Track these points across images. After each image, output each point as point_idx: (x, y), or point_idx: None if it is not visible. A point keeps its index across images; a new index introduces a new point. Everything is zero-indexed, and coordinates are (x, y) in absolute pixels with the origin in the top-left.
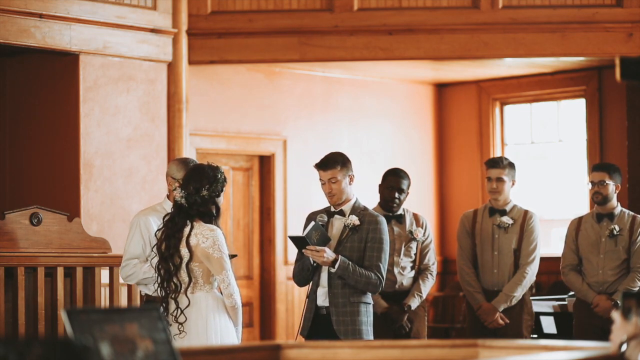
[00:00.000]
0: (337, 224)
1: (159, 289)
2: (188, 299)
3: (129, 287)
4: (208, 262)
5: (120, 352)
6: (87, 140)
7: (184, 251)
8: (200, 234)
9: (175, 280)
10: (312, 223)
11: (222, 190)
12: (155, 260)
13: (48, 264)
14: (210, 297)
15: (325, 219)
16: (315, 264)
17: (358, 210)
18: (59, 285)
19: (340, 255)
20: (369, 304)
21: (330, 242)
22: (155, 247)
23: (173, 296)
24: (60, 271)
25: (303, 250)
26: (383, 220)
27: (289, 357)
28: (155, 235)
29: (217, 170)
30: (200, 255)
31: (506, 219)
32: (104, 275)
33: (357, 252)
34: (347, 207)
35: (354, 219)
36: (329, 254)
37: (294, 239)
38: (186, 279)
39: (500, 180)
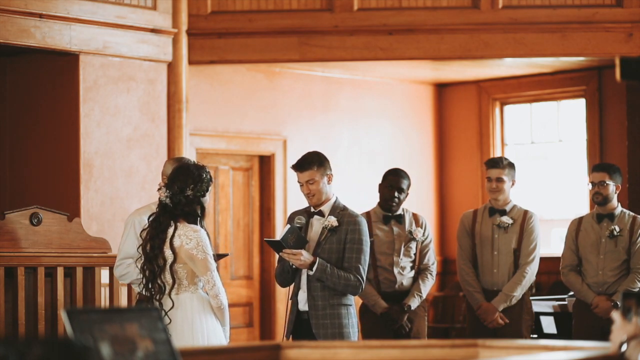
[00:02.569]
0: (316, 225)
1: (143, 290)
2: (172, 300)
3: (129, 287)
4: (192, 263)
5: (120, 352)
6: (87, 140)
7: (168, 252)
8: (184, 235)
9: (159, 281)
10: (288, 226)
11: (207, 190)
12: (141, 260)
13: (48, 264)
14: (195, 298)
15: (304, 220)
16: (294, 267)
17: (337, 210)
18: (59, 285)
19: (318, 258)
20: (350, 305)
21: (307, 244)
22: (141, 247)
23: (157, 297)
24: (60, 271)
25: (280, 254)
26: (362, 220)
27: (289, 357)
28: (140, 235)
29: (202, 170)
30: (184, 257)
31: (506, 219)
32: (104, 275)
33: (336, 253)
34: (326, 208)
35: (332, 220)
36: (305, 256)
37: (271, 243)
38: (170, 281)
39: (500, 180)
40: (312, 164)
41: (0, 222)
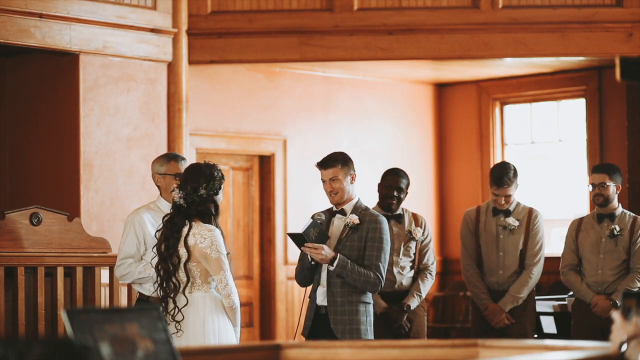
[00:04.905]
0: (338, 222)
1: (158, 289)
2: (186, 298)
3: (129, 287)
4: (206, 262)
5: (120, 352)
6: (87, 140)
7: (182, 251)
8: (199, 234)
9: (174, 280)
10: (311, 220)
11: (220, 188)
12: (155, 260)
13: (48, 264)
14: (208, 297)
15: (324, 217)
16: (314, 263)
17: (359, 209)
18: (59, 285)
19: (339, 254)
20: (369, 303)
21: (328, 239)
22: (155, 247)
23: (172, 296)
24: (60, 271)
25: (301, 248)
26: (384, 220)
27: (289, 357)
28: (155, 236)
29: (214, 168)
30: (198, 256)
31: (512, 221)
32: (104, 275)
33: (357, 251)
34: (348, 207)
35: (354, 218)
36: (327, 251)
37: (293, 236)
38: (184, 279)
39: (508, 196)
40: (337, 162)
41: (1, 222)
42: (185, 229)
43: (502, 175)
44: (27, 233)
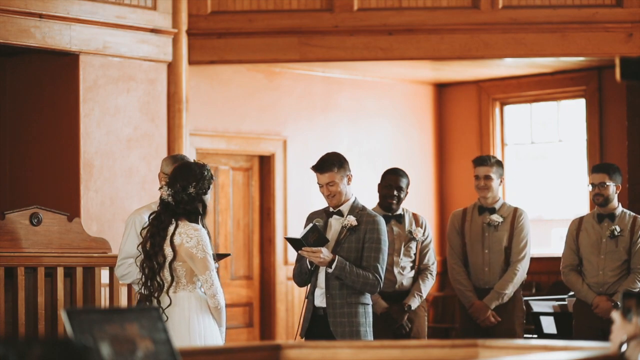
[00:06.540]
0: (335, 224)
1: (142, 288)
2: (170, 298)
3: (129, 287)
4: (192, 262)
5: (120, 352)
6: (87, 140)
7: (168, 250)
8: (185, 234)
9: (158, 279)
10: (310, 225)
11: (209, 188)
12: (140, 258)
13: (48, 264)
14: (193, 297)
15: (322, 222)
16: (313, 267)
17: (356, 210)
18: (59, 285)
19: (337, 256)
20: (368, 304)
21: (327, 242)
22: (141, 245)
23: (156, 295)
24: (60, 271)
25: (299, 251)
26: (381, 220)
27: (289, 357)
28: (140, 233)
29: (203, 168)
30: (184, 255)
31: (496, 217)
32: (104, 275)
33: (355, 252)
34: (345, 207)
35: (352, 220)
36: (325, 254)
37: (291, 241)
38: (169, 278)
39: (488, 178)
40: (333, 165)
41: (0, 222)
42: (172, 228)
43: (486, 156)
44: (27, 233)
